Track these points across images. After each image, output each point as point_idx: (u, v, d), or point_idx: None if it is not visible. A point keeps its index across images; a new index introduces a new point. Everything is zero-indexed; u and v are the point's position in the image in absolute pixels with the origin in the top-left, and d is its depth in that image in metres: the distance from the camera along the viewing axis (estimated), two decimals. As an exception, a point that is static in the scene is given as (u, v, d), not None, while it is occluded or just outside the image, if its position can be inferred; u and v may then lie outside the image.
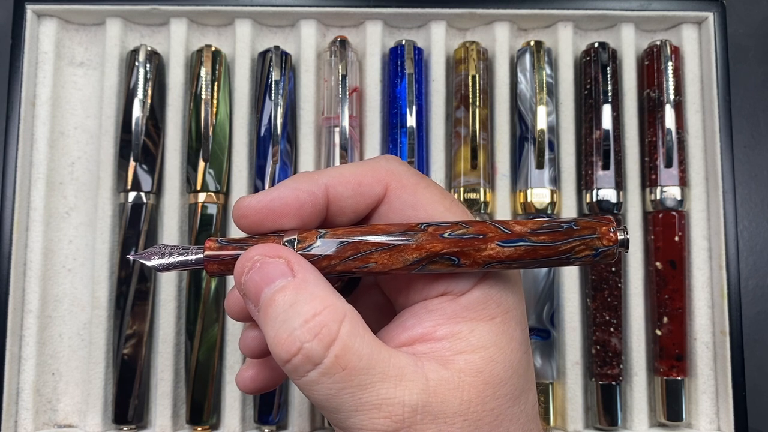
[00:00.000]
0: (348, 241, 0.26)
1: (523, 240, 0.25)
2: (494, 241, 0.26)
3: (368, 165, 0.28)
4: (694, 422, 0.52)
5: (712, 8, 0.54)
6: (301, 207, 0.27)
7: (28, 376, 0.51)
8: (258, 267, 0.25)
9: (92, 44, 0.56)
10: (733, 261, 0.51)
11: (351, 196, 0.28)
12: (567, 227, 0.26)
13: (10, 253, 0.50)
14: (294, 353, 0.24)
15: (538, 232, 0.26)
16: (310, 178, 0.28)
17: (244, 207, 0.27)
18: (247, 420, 0.52)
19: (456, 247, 0.26)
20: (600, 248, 0.26)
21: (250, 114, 0.54)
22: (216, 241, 0.28)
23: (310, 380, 0.24)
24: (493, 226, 0.26)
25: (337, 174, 0.28)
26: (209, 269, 0.27)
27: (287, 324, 0.24)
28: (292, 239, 0.27)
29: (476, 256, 0.26)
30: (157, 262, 0.28)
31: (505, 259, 0.26)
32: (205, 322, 0.51)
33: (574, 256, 0.26)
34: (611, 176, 0.53)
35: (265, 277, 0.25)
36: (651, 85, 0.54)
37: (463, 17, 0.55)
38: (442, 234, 0.26)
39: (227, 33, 0.56)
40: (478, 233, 0.26)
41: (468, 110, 0.53)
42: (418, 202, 0.28)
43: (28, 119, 0.53)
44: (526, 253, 0.26)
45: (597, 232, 0.26)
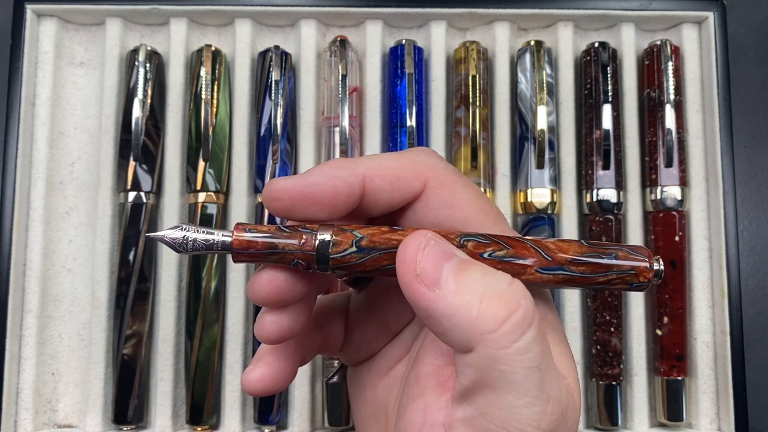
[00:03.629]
0: (385, 250, 0.25)
1: (563, 269, 0.26)
2: (534, 267, 0.25)
3: (407, 158, 0.27)
4: (695, 422, 0.52)
5: (713, 8, 0.54)
6: (336, 196, 0.26)
7: (27, 376, 0.51)
8: (434, 244, 0.24)
9: (92, 44, 0.56)
10: (734, 261, 0.51)
11: (388, 190, 0.26)
12: (607, 260, 0.26)
13: (9, 253, 0.50)
14: (513, 310, 0.22)
15: (578, 263, 0.26)
16: (347, 167, 0.26)
17: (277, 190, 0.26)
18: (247, 420, 0.52)
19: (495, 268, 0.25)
20: (635, 283, 0.26)
21: (250, 114, 0.54)
22: (244, 230, 0.26)
23: (525, 346, 0.22)
24: (534, 249, 0.26)
25: (376, 165, 0.26)
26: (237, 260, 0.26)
27: (493, 286, 0.23)
28: (327, 241, 0.25)
29: None
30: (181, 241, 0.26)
31: (542, 283, 0.26)
32: (205, 322, 0.51)
33: (609, 287, 0.26)
34: (611, 176, 0.53)
35: (444, 253, 0.24)
36: (651, 84, 0.54)
37: (464, 17, 0.55)
38: (482, 254, 0.25)
39: (227, 33, 0.56)
40: (518, 256, 0.25)
41: (468, 110, 0.53)
42: (455, 202, 0.27)
43: (28, 119, 0.52)
44: (563, 281, 0.26)
45: (635, 269, 0.26)
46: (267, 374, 0.29)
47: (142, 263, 0.51)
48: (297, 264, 0.25)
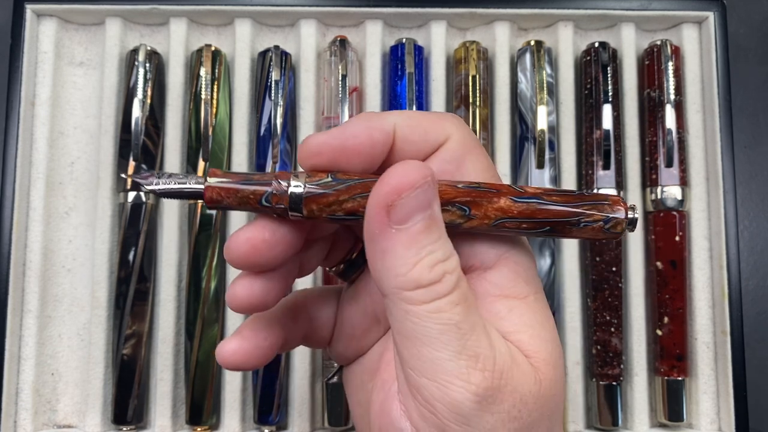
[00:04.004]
0: (360, 180, 0.25)
1: (536, 198, 0.26)
2: (507, 195, 0.26)
3: (434, 114, 0.28)
4: (695, 422, 0.52)
5: (713, 8, 0.54)
6: (374, 146, 0.26)
7: (27, 377, 0.51)
8: (426, 187, 0.24)
9: (92, 44, 0.55)
10: (734, 261, 0.51)
11: (416, 141, 0.27)
12: (578, 193, 0.26)
13: (9, 253, 0.50)
14: (434, 281, 0.24)
15: (550, 193, 0.26)
16: (380, 117, 0.27)
17: (318, 144, 0.26)
18: (247, 420, 0.52)
19: (468, 197, 0.26)
20: (610, 215, 0.26)
21: (250, 114, 0.54)
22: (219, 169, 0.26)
23: (434, 308, 0.24)
24: (508, 186, 0.26)
25: (405, 116, 0.27)
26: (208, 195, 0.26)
27: (433, 255, 0.24)
28: (302, 172, 0.26)
29: (488, 207, 0.26)
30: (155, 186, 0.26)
31: (516, 215, 0.26)
32: (205, 322, 0.51)
33: (584, 221, 0.26)
34: (612, 176, 0.53)
35: (426, 201, 0.24)
36: (651, 84, 0.54)
37: (464, 17, 0.54)
38: (456, 185, 0.26)
39: (227, 33, 0.56)
40: (491, 187, 0.26)
41: (468, 110, 0.53)
42: (464, 163, 0.27)
43: (28, 119, 0.52)
44: (537, 211, 0.26)
45: (608, 200, 0.26)
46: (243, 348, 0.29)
47: (142, 263, 0.51)
48: (270, 197, 0.25)
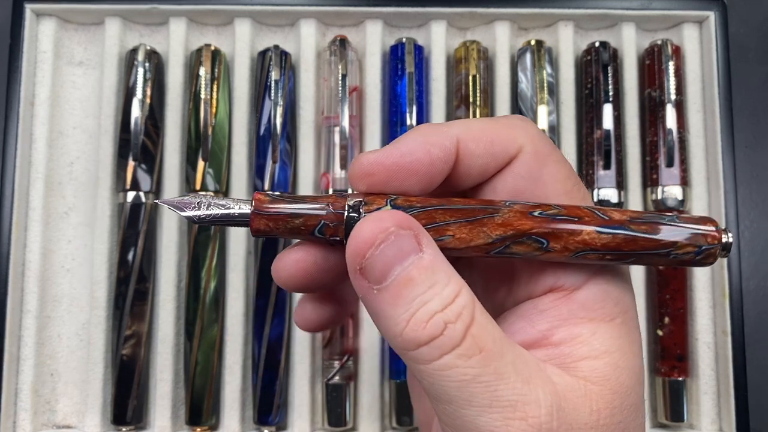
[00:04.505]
0: (423, 209, 0.23)
1: (623, 228, 0.23)
2: (591, 225, 0.23)
3: (502, 122, 0.25)
4: (696, 423, 0.52)
5: (713, 8, 0.54)
6: (432, 164, 0.24)
7: (26, 377, 0.51)
8: (390, 241, 0.22)
9: (91, 44, 0.55)
10: (735, 261, 0.51)
11: (482, 155, 0.24)
12: (669, 219, 0.23)
13: (8, 253, 0.50)
14: (434, 336, 0.21)
15: (638, 222, 0.23)
16: (439, 131, 0.24)
17: (370, 164, 0.24)
18: (247, 421, 0.52)
19: (547, 228, 0.23)
20: (703, 246, 0.23)
21: (250, 113, 0.54)
22: (266, 194, 0.24)
23: (445, 364, 0.21)
24: (588, 210, 0.23)
25: (468, 128, 0.24)
26: (255, 225, 0.24)
27: (427, 307, 0.21)
28: (358, 201, 0.23)
29: (568, 240, 0.23)
30: (194, 213, 0.24)
31: (600, 247, 0.23)
32: (205, 322, 0.51)
33: (675, 252, 0.23)
34: (612, 176, 0.52)
35: (399, 253, 0.22)
36: (652, 84, 0.54)
37: (464, 16, 0.54)
38: (531, 212, 0.23)
39: (227, 32, 0.56)
40: (572, 215, 0.23)
41: (468, 110, 0.53)
42: (542, 176, 0.24)
43: (27, 119, 0.52)
44: (624, 242, 0.23)
45: (701, 228, 0.23)
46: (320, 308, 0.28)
47: (141, 263, 0.51)
48: (323, 229, 0.23)
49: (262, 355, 0.51)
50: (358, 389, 0.51)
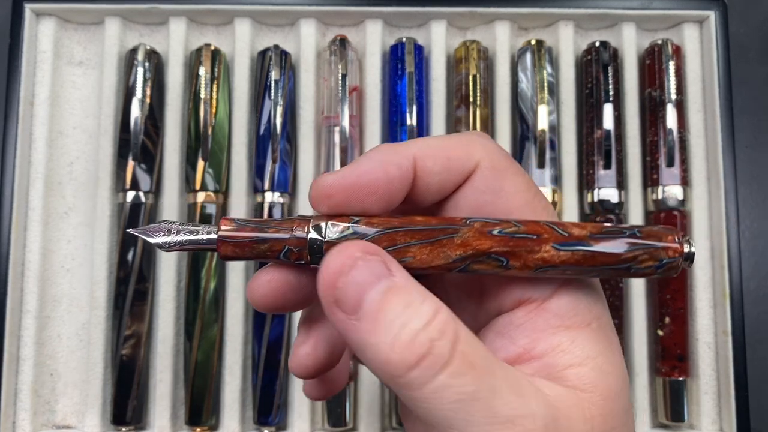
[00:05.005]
0: (384, 231, 0.23)
1: (582, 244, 0.23)
2: (549, 242, 0.23)
3: (458, 138, 0.25)
4: (696, 423, 0.52)
5: (714, 7, 0.54)
6: (390, 183, 0.24)
7: (26, 377, 0.51)
8: (360, 267, 0.22)
9: (91, 43, 0.55)
10: (735, 261, 0.51)
11: (439, 171, 0.24)
12: (629, 233, 0.23)
13: (8, 253, 0.50)
14: (422, 355, 0.21)
15: (597, 237, 0.23)
16: (395, 150, 0.24)
17: (329, 186, 0.24)
18: (247, 421, 0.52)
19: (506, 247, 0.23)
20: (664, 259, 0.23)
21: (250, 113, 0.54)
22: (232, 220, 0.24)
23: (440, 385, 0.21)
24: (548, 226, 0.24)
25: (425, 146, 0.24)
26: (223, 251, 0.24)
27: (408, 327, 0.21)
28: (320, 225, 0.24)
29: (527, 258, 0.23)
30: (162, 239, 0.25)
31: (559, 264, 0.23)
32: (204, 322, 0.51)
33: (635, 266, 0.23)
34: (612, 176, 0.52)
35: (370, 277, 0.21)
36: (652, 84, 0.54)
37: (464, 16, 0.54)
38: (490, 231, 0.23)
39: (226, 32, 0.56)
40: (531, 233, 0.23)
41: (469, 109, 0.53)
42: (502, 188, 0.24)
43: (27, 119, 0.52)
44: (583, 259, 0.23)
45: (662, 241, 0.23)
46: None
47: (141, 263, 0.51)
48: (288, 253, 0.24)
49: (262, 355, 0.51)
50: (358, 389, 0.51)
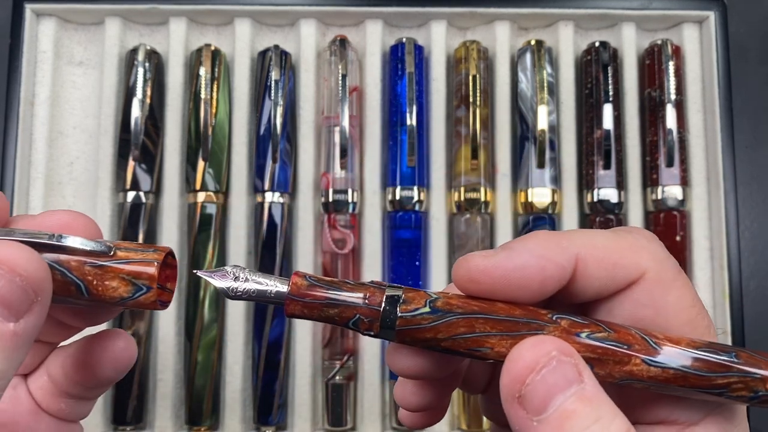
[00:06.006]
0: (464, 315, 0.22)
1: (673, 366, 0.21)
2: (640, 356, 0.21)
3: (626, 241, 0.23)
4: (696, 423, 0.52)
5: (713, 8, 0.54)
6: (545, 281, 0.22)
7: (26, 377, 0.51)
8: (555, 366, 0.20)
9: (91, 43, 0.55)
10: (735, 261, 0.51)
11: (602, 277, 0.22)
12: (726, 358, 0.22)
13: (8, 253, 0.50)
14: None
15: (691, 357, 0.22)
16: (559, 245, 0.22)
17: (477, 271, 0.22)
18: (247, 421, 0.52)
19: (593, 353, 0.21)
20: (760, 392, 0.22)
21: (250, 113, 0.54)
22: (304, 276, 0.23)
23: None
24: (640, 336, 0.22)
25: (591, 245, 0.22)
26: (290, 310, 0.23)
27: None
28: (396, 297, 0.22)
29: (614, 368, 0.22)
30: (229, 284, 0.23)
31: (647, 379, 0.22)
32: (205, 322, 0.51)
33: (728, 393, 0.22)
34: (612, 176, 0.52)
35: (563, 380, 0.20)
36: (652, 84, 0.54)
37: (464, 16, 0.54)
38: (578, 333, 0.22)
39: (227, 32, 0.56)
40: (621, 342, 0.22)
41: (468, 109, 0.53)
42: (666, 305, 0.22)
43: (27, 119, 0.52)
44: (674, 378, 0.21)
45: (761, 369, 0.22)
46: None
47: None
48: (358, 322, 0.22)
49: (262, 355, 0.51)
50: (359, 389, 0.51)
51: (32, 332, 0.21)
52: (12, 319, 0.20)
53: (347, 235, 0.52)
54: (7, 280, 0.20)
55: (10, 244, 0.21)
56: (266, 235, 0.51)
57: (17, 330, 0.20)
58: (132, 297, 0.23)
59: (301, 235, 0.52)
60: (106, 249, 0.23)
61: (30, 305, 0.20)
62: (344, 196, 0.52)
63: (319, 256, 0.53)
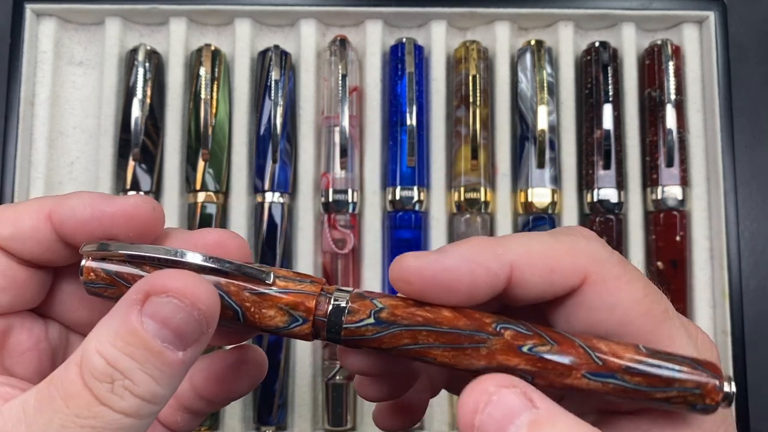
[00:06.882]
0: (407, 327, 0.22)
1: (615, 378, 0.22)
2: (581, 370, 0.22)
3: (564, 244, 0.23)
4: (696, 423, 0.52)
5: (713, 8, 0.54)
6: (474, 286, 0.22)
7: (26, 377, 0.51)
8: (495, 401, 0.20)
9: (91, 43, 0.55)
10: (735, 261, 0.51)
11: (539, 284, 0.22)
12: (668, 372, 0.22)
13: (8, 253, 0.50)
14: None
15: (634, 371, 0.22)
16: (492, 251, 0.22)
17: (408, 272, 0.22)
18: (247, 421, 0.52)
19: (533, 366, 0.22)
20: (698, 405, 0.22)
21: (250, 113, 0.54)
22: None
23: None
24: (583, 349, 0.22)
25: (526, 252, 0.22)
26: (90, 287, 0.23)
27: None
28: (341, 307, 0.23)
29: (554, 380, 0.22)
30: None
31: (587, 390, 0.22)
32: (205, 322, 0.51)
33: (674, 400, 0.22)
34: (612, 176, 0.52)
35: (509, 412, 0.20)
36: (652, 84, 0.54)
37: (464, 16, 0.54)
38: (520, 347, 0.22)
39: (227, 32, 0.56)
40: (563, 354, 0.22)
41: (468, 110, 0.53)
42: (618, 302, 0.22)
43: (27, 119, 0.52)
44: (614, 391, 0.22)
45: (702, 387, 0.22)
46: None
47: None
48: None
49: (262, 355, 0.51)
50: (358, 389, 0.51)
51: (194, 360, 0.21)
52: (181, 348, 0.21)
53: (347, 235, 0.52)
54: (187, 313, 0.20)
55: (195, 277, 0.21)
56: (266, 235, 0.51)
57: (184, 359, 0.21)
58: (287, 327, 0.23)
59: (301, 235, 0.52)
60: (266, 276, 0.23)
61: (200, 336, 0.21)
62: (344, 196, 0.52)
63: (319, 256, 0.53)
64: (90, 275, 0.23)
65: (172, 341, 0.20)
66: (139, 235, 0.24)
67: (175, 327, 0.20)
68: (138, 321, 0.20)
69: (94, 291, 0.24)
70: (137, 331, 0.20)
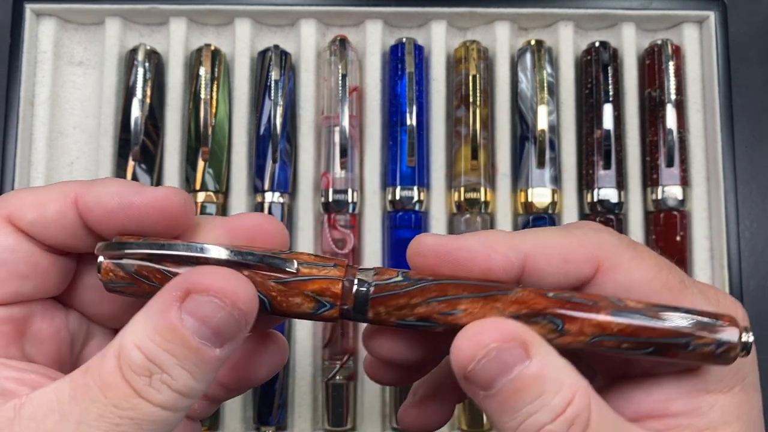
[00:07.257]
0: (435, 281, 0.23)
1: (639, 314, 0.22)
2: (606, 310, 0.22)
3: (576, 236, 0.24)
4: (696, 423, 0.52)
5: (713, 7, 0.54)
6: (489, 270, 0.23)
7: (26, 377, 0.51)
8: (494, 356, 0.21)
9: (91, 43, 0.55)
10: (735, 261, 0.51)
11: (553, 273, 0.23)
12: (686, 309, 0.23)
13: (8, 253, 0.50)
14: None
15: (654, 309, 0.23)
16: (509, 241, 0.23)
17: (425, 246, 0.23)
18: (247, 421, 0.52)
19: (561, 308, 0.22)
20: (723, 339, 0.22)
21: (250, 113, 0.54)
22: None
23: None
24: (604, 296, 0.23)
25: (541, 243, 0.23)
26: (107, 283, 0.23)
27: (537, 418, 0.21)
28: (367, 287, 0.23)
29: (584, 323, 0.22)
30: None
31: (616, 332, 0.23)
32: (205, 322, 0.51)
33: (693, 343, 0.23)
34: (612, 176, 0.52)
35: (503, 366, 0.21)
36: (652, 84, 0.54)
37: (464, 16, 0.54)
38: (546, 293, 0.23)
39: (227, 32, 0.56)
40: (587, 298, 0.23)
41: (468, 109, 0.53)
42: (633, 283, 0.23)
43: (27, 119, 0.52)
44: (641, 329, 0.22)
45: (720, 320, 0.23)
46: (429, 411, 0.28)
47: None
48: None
49: (262, 355, 0.51)
50: (359, 389, 0.51)
51: (231, 356, 0.22)
52: (219, 345, 0.21)
53: (347, 235, 0.52)
54: (228, 312, 0.21)
55: (235, 275, 0.21)
56: (266, 235, 0.51)
57: (221, 356, 0.21)
58: (315, 313, 0.23)
59: (301, 235, 0.52)
60: (290, 265, 0.23)
61: (237, 334, 0.21)
62: (344, 196, 0.52)
63: (319, 256, 0.52)
64: (109, 275, 0.23)
65: (210, 339, 0.21)
66: (168, 228, 0.23)
67: (214, 326, 0.21)
68: (177, 318, 0.20)
69: (114, 289, 0.24)
70: (177, 328, 0.20)
